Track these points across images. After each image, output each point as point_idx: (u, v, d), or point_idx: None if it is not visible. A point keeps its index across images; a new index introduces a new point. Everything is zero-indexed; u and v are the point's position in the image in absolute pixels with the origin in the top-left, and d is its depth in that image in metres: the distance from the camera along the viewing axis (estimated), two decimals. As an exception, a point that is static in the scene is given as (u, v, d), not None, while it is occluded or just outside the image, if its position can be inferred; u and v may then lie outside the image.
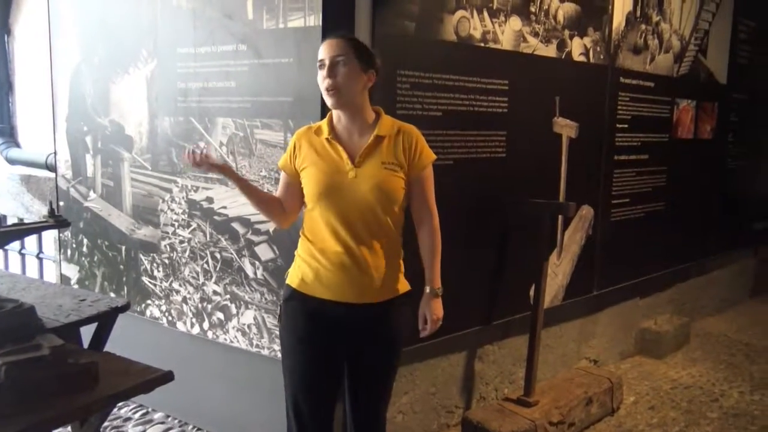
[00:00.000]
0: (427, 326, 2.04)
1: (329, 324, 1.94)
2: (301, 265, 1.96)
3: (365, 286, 1.92)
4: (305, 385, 1.96)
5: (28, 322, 1.45)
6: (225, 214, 2.67)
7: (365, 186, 1.88)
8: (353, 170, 1.89)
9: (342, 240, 1.89)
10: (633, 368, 3.99)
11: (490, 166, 2.89)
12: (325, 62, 1.86)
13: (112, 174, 3.10)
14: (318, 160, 1.92)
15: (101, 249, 3.21)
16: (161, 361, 3.01)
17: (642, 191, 3.90)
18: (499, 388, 3.29)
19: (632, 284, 3.99)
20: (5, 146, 3.96)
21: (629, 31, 3.58)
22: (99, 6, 3.06)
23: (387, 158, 1.92)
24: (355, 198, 1.88)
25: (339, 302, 1.92)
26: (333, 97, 1.87)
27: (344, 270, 1.90)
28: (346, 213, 1.89)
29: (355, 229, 1.89)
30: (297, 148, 1.97)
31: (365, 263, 1.91)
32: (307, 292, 1.94)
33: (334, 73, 1.85)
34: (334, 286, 1.92)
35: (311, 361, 1.95)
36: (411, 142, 1.95)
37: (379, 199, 1.89)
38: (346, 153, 1.90)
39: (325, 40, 1.91)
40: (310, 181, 1.92)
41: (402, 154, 1.93)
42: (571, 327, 3.69)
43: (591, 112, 3.43)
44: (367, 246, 1.91)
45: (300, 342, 1.95)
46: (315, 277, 1.93)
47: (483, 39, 2.77)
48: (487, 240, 2.95)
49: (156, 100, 2.86)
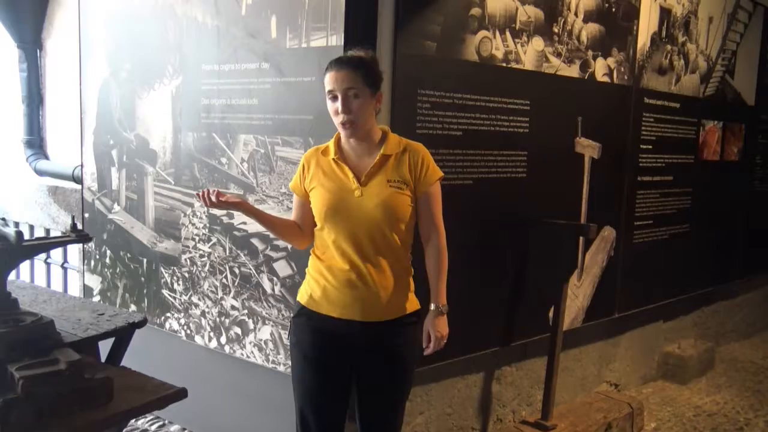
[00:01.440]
0: (431, 344, 2.03)
1: (336, 341, 1.95)
2: (310, 282, 2.00)
3: (372, 304, 1.93)
4: (310, 399, 1.99)
5: (47, 336, 1.47)
6: (245, 230, 2.69)
7: (371, 204, 1.90)
8: (359, 189, 1.91)
9: (349, 258, 1.91)
10: (655, 393, 3.92)
11: (510, 186, 2.88)
12: (337, 95, 1.85)
13: (136, 187, 3.15)
14: (325, 180, 1.95)
15: (123, 261, 3.25)
16: (179, 374, 3.05)
17: (666, 213, 3.84)
18: (516, 411, 3.25)
19: (655, 307, 3.92)
20: (34, 158, 4.05)
21: (654, 52, 3.55)
22: (127, 22, 3.12)
23: (392, 176, 1.94)
24: (361, 216, 1.90)
25: (346, 320, 1.93)
26: (349, 129, 1.89)
27: (351, 288, 1.92)
28: (353, 231, 1.90)
29: (362, 248, 1.91)
30: (306, 169, 2.00)
31: (372, 281, 1.92)
32: (315, 309, 1.97)
33: (349, 108, 1.85)
34: (341, 303, 1.93)
35: (316, 377, 1.97)
36: (417, 160, 1.96)
37: (385, 217, 1.91)
38: (352, 172, 1.93)
39: (333, 70, 1.87)
40: (318, 201, 1.95)
41: (408, 171, 1.95)
42: (592, 350, 3.63)
43: (614, 132, 3.40)
44: (374, 264, 1.92)
45: (306, 358, 1.98)
46: (323, 294, 1.95)
47: (505, 59, 2.76)
48: (506, 260, 2.93)
49: (180, 116, 2.91)
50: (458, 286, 2.68)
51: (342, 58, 1.91)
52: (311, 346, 1.98)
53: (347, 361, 1.98)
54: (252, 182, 2.65)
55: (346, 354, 1.97)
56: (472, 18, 2.61)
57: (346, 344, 1.95)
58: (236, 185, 2.71)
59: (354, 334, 1.94)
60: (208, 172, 2.81)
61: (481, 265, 2.80)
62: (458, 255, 2.68)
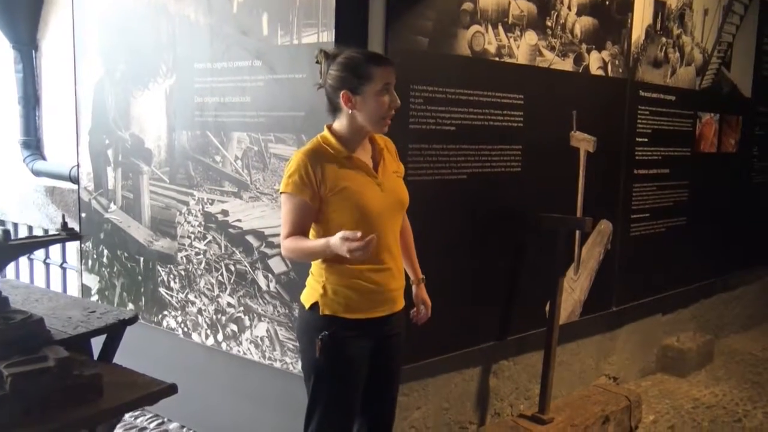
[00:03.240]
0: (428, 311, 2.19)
1: (371, 341, 1.97)
2: (341, 291, 1.90)
3: (399, 292, 2.01)
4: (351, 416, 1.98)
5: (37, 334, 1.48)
6: (239, 227, 2.69)
7: (392, 197, 1.95)
8: (381, 183, 1.93)
9: (382, 254, 1.92)
10: (654, 386, 3.92)
11: (505, 181, 2.88)
12: (391, 87, 1.87)
13: (132, 186, 3.16)
14: (350, 182, 1.88)
15: (120, 260, 3.26)
16: (177, 372, 3.05)
17: (663, 206, 3.84)
18: (514, 405, 3.25)
19: (653, 300, 3.92)
20: (31, 159, 4.06)
21: (649, 45, 3.55)
22: (121, 22, 3.13)
23: (393, 167, 2.02)
24: (385, 210, 1.93)
25: (384, 316, 1.97)
26: (388, 126, 1.92)
27: (387, 281, 1.95)
28: (381, 226, 1.91)
29: (387, 241, 1.94)
30: (316, 174, 1.85)
31: (398, 271, 2.00)
32: (358, 316, 1.91)
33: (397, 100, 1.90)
34: (381, 301, 1.95)
35: (359, 391, 1.97)
36: (395, 152, 2.07)
37: (401, 208, 2.01)
38: (369, 168, 1.94)
39: (386, 64, 1.88)
40: (353, 203, 1.86)
41: (396, 162, 2.05)
42: (590, 343, 3.63)
43: (609, 126, 3.40)
44: (394, 254, 1.98)
45: (354, 371, 1.94)
46: (363, 298, 1.91)
47: (498, 53, 2.76)
48: (501, 255, 2.93)
49: (174, 115, 2.91)
50: (453, 281, 2.70)
51: (384, 56, 1.99)
52: (360, 356, 1.94)
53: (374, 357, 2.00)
54: (246, 180, 2.65)
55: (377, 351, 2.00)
56: (464, 13, 2.61)
57: (376, 340, 1.98)
58: (230, 183, 2.71)
59: (390, 325, 2.00)
60: (202, 170, 2.82)
61: (476, 259, 2.80)
62: (453, 250, 2.71)
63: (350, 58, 1.86)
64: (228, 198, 2.73)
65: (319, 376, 1.93)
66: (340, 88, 1.86)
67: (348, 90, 1.85)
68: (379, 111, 1.86)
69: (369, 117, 1.87)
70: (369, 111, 1.86)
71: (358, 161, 1.92)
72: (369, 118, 1.87)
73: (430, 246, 2.42)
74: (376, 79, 1.83)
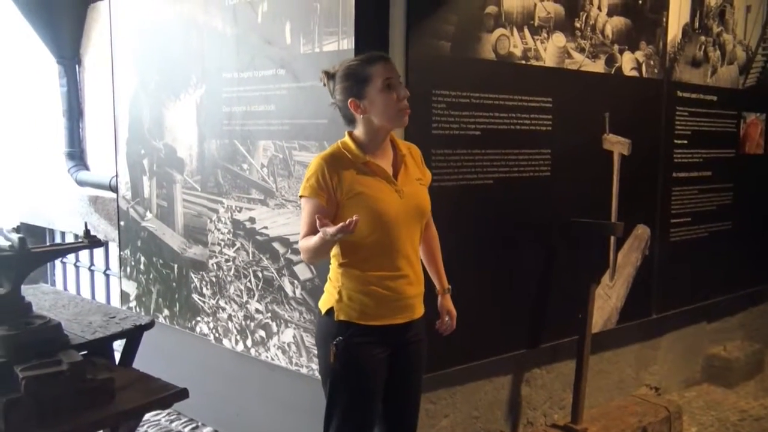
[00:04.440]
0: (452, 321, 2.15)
1: (388, 349, 1.95)
2: (356, 297, 1.90)
3: (417, 299, 1.99)
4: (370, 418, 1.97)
5: (54, 338, 1.53)
6: (266, 234, 2.73)
7: (411, 204, 1.94)
8: (400, 190, 1.92)
9: (398, 261, 1.91)
10: (698, 397, 3.78)
11: (533, 185, 2.83)
12: (394, 81, 1.86)
13: (166, 195, 3.24)
14: (366, 187, 1.88)
15: (156, 267, 3.35)
16: (209, 377, 3.13)
17: (705, 210, 3.70)
18: (548, 414, 3.18)
19: (697, 308, 3.78)
20: (75, 169, 4.21)
21: (687, 44, 3.44)
22: (154, 35, 3.22)
23: (416, 173, 2.00)
24: (404, 217, 1.92)
25: (403, 323, 1.95)
26: (407, 116, 1.89)
27: (404, 289, 1.94)
28: (399, 233, 1.90)
29: (405, 248, 1.93)
30: (332, 178, 1.86)
31: (417, 278, 1.98)
32: (373, 323, 1.90)
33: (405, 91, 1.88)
34: (398, 308, 1.94)
35: (377, 398, 1.96)
36: (418, 158, 2.05)
37: (421, 215, 1.98)
38: (388, 174, 1.93)
39: (383, 61, 1.88)
40: (368, 209, 1.85)
41: (420, 169, 2.03)
42: (628, 352, 3.53)
43: (645, 128, 3.30)
44: (413, 262, 1.96)
45: (369, 377, 1.93)
46: (378, 305, 1.90)
47: (524, 56, 2.72)
48: (531, 261, 2.88)
49: (204, 124, 2.97)
50: (482, 288, 2.66)
51: (379, 53, 1.93)
52: (376, 362, 1.93)
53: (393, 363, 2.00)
54: (272, 187, 2.68)
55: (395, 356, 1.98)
56: (488, 16, 2.58)
57: (394, 347, 1.97)
58: (257, 190, 2.75)
59: (402, 335, 1.97)
60: (231, 178, 2.87)
61: (505, 266, 2.76)
62: (481, 256, 2.67)
63: (347, 67, 1.89)
64: (255, 205, 2.77)
65: (335, 382, 1.93)
66: (346, 98, 1.88)
67: (353, 97, 1.87)
68: (389, 107, 1.85)
69: (382, 115, 1.87)
70: (379, 110, 1.86)
71: (376, 167, 1.91)
72: (382, 116, 1.87)
73: (457, 252, 2.40)
74: (374, 77, 1.84)
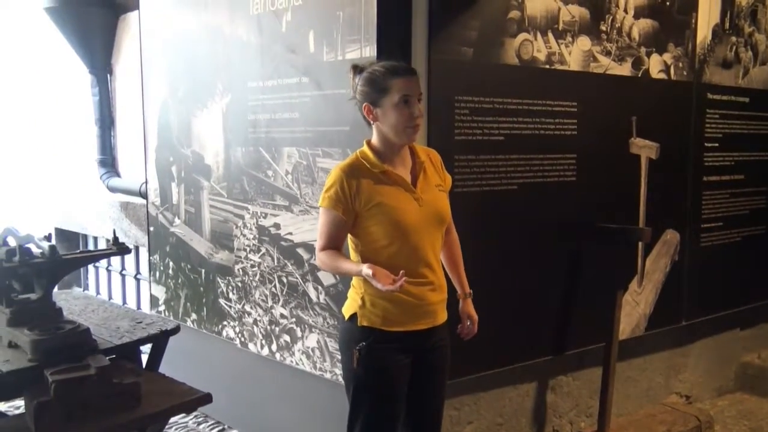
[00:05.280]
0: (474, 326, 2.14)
1: (410, 355, 1.96)
2: (378, 303, 1.91)
3: (441, 306, 2.00)
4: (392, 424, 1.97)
5: (82, 343, 1.57)
6: (291, 240, 2.75)
7: (431, 210, 1.94)
8: (419, 198, 1.93)
9: (420, 268, 1.92)
10: (731, 406, 3.69)
11: (559, 190, 2.81)
12: (411, 99, 1.86)
13: (194, 201, 3.30)
14: (385, 197, 1.89)
15: (184, 272, 3.40)
16: (236, 380, 3.17)
17: (738, 214, 3.62)
18: (574, 422, 3.14)
19: (730, 314, 3.70)
20: (107, 176, 4.32)
21: (717, 45, 3.38)
22: (182, 45, 3.28)
23: (435, 180, 2.00)
24: (424, 225, 1.93)
25: (425, 329, 1.96)
26: (416, 133, 1.91)
27: (427, 295, 1.94)
28: (419, 241, 1.91)
29: (426, 255, 1.93)
30: (352, 189, 1.88)
31: (439, 284, 1.99)
32: (395, 329, 1.92)
33: (420, 112, 1.89)
34: (420, 314, 1.95)
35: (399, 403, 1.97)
36: (438, 163, 2.05)
37: (441, 222, 1.98)
38: (406, 182, 1.93)
39: (406, 75, 1.88)
40: (387, 218, 1.87)
41: (438, 174, 2.03)
42: (658, 359, 3.47)
43: (674, 131, 3.25)
44: (434, 269, 1.97)
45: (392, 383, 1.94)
46: (401, 311, 1.91)
47: (548, 61, 2.71)
48: (556, 267, 2.85)
49: (230, 132, 3.02)
50: (506, 294, 2.65)
51: (405, 66, 1.95)
52: (398, 369, 1.94)
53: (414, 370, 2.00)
54: (296, 194, 2.71)
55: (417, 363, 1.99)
56: (511, 21, 2.58)
57: (415, 354, 1.97)
58: (282, 197, 2.78)
59: (424, 341, 1.98)
60: (256, 184, 2.91)
61: (530, 272, 2.74)
62: (505, 261, 2.66)
63: (372, 72, 1.90)
64: (279, 212, 2.80)
65: (358, 387, 1.94)
66: (362, 102, 1.91)
67: (369, 103, 1.89)
68: (399, 122, 1.86)
69: (390, 128, 1.88)
70: (389, 123, 1.87)
71: (395, 176, 1.92)
72: (390, 129, 1.89)
73: (482, 258, 2.41)
74: (393, 91, 1.85)
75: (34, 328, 1.64)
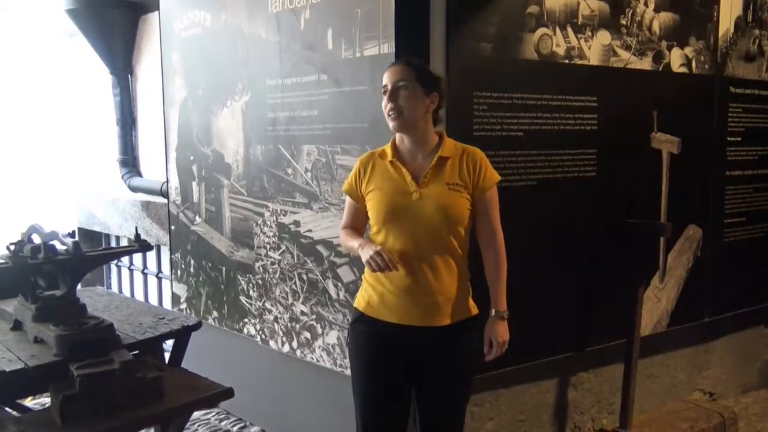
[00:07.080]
0: (492, 349, 2.01)
1: (394, 347, 1.96)
2: (367, 289, 2.00)
3: (430, 308, 1.93)
4: (371, 407, 2.00)
5: (106, 338, 1.60)
6: (310, 237, 2.77)
7: (430, 207, 1.90)
8: (417, 191, 1.91)
9: (407, 262, 1.90)
10: (755, 403, 3.63)
11: (578, 186, 2.79)
12: (388, 87, 1.91)
13: (214, 199, 3.32)
14: (382, 183, 1.96)
15: (205, 270, 3.43)
16: (257, 377, 3.19)
17: (762, 209, 3.57)
18: (596, 419, 3.12)
19: (754, 310, 3.64)
20: (129, 175, 4.37)
21: (739, 38, 3.33)
22: (202, 44, 3.31)
23: (451, 179, 1.94)
24: (420, 219, 1.90)
25: (404, 325, 1.93)
26: (395, 121, 1.91)
27: (409, 293, 1.92)
28: (411, 235, 1.91)
29: (420, 251, 1.91)
30: (361, 173, 2.02)
31: (430, 286, 1.92)
32: (373, 315, 1.97)
33: (396, 98, 1.90)
34: (399, 309, 1.93)
35: (376, 384, 1.98)
36: (475, 163, 1.97)
37: (444, 220, 1.91)
38: (410, 175, 1.93)
39: (390, 66, 1.97)
40: (375, 204, 1.96)
41: (467, 174, 1.95)
42: (680, 356, 3.43)
43: (696, 125, 3.21)
44: (432, 268, 1.92)
45: (366, 364, 1.99)
46: (380, 300, 1.96)
47: (567, 56, 2.69)
48: (577, 263, 2.83)
49: (250, 130, 3.04)
50: (526, 290, 2.63)
51: (399, 59, 2.03)
52: (371, 353, 1.98)
53: (406, 367, 1.99)
54: (316, 191, 2.72)
55: (406, 360, 1.97)
56: (530, 16, 2.56)
57: (406, 350, 1.96)
58: (301, 194, 2.79)
59: (413, 339, 1.94)
60: (275, 182, 2.92)
61: (550, 268, 2.72)
62: (524, 258, 2.64)
63: None
64: (299, 209, 2.81)
65: (350, 366, 2.07)
66: None
67: None
68: (384, 110, 1.94)
69: None
70: None
71: (398, 167, 1.95)
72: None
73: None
74: (383, 82, 1.94)
75: (59, 324, 1.67)
